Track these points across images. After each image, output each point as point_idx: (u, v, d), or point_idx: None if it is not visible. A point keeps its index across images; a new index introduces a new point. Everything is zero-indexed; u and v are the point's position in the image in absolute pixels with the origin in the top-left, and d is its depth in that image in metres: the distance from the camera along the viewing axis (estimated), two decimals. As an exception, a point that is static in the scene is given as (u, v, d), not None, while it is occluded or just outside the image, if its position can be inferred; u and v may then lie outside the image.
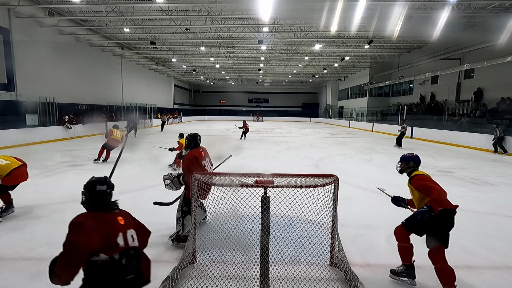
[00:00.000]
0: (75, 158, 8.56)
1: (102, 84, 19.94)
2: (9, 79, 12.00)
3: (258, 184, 2.30)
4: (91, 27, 15.47)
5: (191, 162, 3.18)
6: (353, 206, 4.48)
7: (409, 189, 2.71)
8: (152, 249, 3.05)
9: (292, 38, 17.47)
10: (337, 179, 2.54)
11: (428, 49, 18.85)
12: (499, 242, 3.33)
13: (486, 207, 4.60)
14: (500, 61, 12.76)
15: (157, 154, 9.63)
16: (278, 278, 2.50)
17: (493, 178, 6.62)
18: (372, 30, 14.57)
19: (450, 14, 11.90)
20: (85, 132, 15.12)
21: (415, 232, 2.50)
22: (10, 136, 10.75)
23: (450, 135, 13.64)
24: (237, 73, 33.26)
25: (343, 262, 2.58)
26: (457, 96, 17.21)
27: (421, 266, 2.81)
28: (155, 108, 27.63)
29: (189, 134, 3.49)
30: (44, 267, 2.68)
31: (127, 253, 1.54)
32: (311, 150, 11.13)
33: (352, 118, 29.64)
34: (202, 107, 45.59)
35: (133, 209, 4.38)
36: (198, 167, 3.19)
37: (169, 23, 14.52)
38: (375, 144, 13.55)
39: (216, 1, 11.79)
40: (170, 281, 2.36)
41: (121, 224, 1.66)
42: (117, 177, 6.16)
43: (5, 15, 11.89)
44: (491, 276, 2.66)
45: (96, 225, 1.51)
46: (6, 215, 3.82)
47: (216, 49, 21.16)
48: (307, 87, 44.58)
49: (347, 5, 11.15)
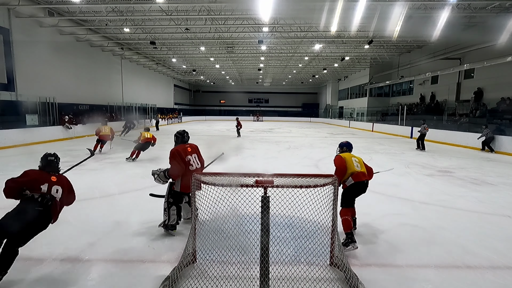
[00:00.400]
0: (75, 158, 8.52)
1: (102, 84, 19.93)
2: (9, 79, 11.99)
3: (258, 184, 2.30)
4: (91, 27, 15.47)
5: (174, 156, 3.38)
6: (353, 206, 4.48)
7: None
8: (152, 249, 3.05)
9: (292, 38, 17.47)
10: (337, 179, 2.54)
11: (428, 49, 18.84)
12: (499, 242, 3.33)
13: (486, 207, 4.60)
14: (500, 61, 12.75)
15: (157, 154, 9.63)
16: (278, 278, 2.50)
17: (493, 178, 6.62)
18: (372, 30, 14.56)
19: (450, 14, 11.89)
20: (85, 132, 15.11)
21: (341, 204, 3.29)
22: (10, 136, 10.75)
23: (450, 135, 13.63)
24: (237, 73, 33.26)
25: (343, 262, 2.58)
26: (457, 96, 17.21)
27: (421, 265, 2.81)
28: (155, 108, 27.63)
29: (177, 131, 3.69)
30: (44, 267, 2.70)
31: (44, 195, 2.53)
32: (311, 150, 11.13)
33: (352, 118, 29.63)
34: (202, 107, 45.58)
35: (133, 209, 4.40)
36: (181, 161, 3.36)
37: (169, 23, 14.51)
38: (375, 144, 13.54)
39: (216, 1, 11.78)
40: (170, 281, 2.36)
41: (52, 180, 2.66)
42: (117, 177, 6.19)
43: (5, 15, 11.89)
44: (491, 276, 2.66)
45: (32, 174, 2.63)
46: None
47: (216, 49, 21.16)
48: (307, 87, 44.58)
49: (347, 5, 11.15)
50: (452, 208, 4.53)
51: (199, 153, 3.63)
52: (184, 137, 3.62)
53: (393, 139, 15.89)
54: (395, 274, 2.67)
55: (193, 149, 3.54)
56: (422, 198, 4.96)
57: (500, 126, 11.97)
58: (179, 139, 3.62)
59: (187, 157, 3.42)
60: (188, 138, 3.66)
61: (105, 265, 2.75)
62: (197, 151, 3.61)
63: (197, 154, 3.57)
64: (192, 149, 3.54)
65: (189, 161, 3.42)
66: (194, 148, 3.58)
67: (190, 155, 3.45)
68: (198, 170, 3.41)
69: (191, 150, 3.50)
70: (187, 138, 3.64)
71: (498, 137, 11.16)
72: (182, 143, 3.58)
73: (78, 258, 2.85)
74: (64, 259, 2.84)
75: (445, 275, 2.66)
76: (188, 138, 3.67)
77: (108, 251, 2.99)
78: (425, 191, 5.45)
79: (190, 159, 3.44)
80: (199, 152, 3.64)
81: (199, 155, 3.62)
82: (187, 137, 3.65)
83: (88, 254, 2.91)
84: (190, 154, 3.46)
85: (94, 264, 2.76)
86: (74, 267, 2.70)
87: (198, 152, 3.63)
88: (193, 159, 3.46)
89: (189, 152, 3.47)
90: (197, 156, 3.56)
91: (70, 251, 2.98)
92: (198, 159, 3.55)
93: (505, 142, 10.90)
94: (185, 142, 3.60)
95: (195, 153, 3.54)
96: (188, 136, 3.68)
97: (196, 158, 3.52)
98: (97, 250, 3.02)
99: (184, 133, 3.65)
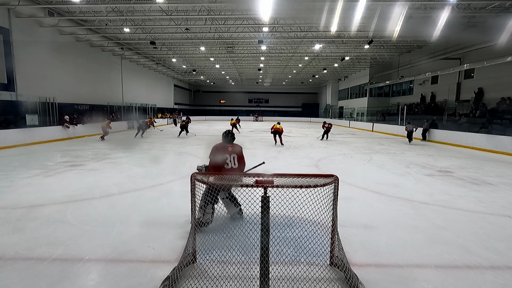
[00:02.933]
0: (75, 158, 8.56)
1: (102, 84, 19.93)
2: (9, 79, 11.99)
3: (258, 184, 2.30)
4: (91, 27, 15.47)
5: (212, 151, 3.57)
6: (353, 206, 4.48)
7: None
8: (152, 249, 3.05)
9: (292, 38, 17.47)
10: (337, 179, 2.54)
11: (428, 49, 18.84)
12: (499, 242, 3.33)
13: (486, 207, 4.60)
14: (500, 61, 12.75)
15: (157, 154, 9.64)
16: (278, 278, 2.50)
17: (493, 178, 6.62)
18: (372, 30, 14.57)
19: (450, 14, 11.90)
20: (85, 132, 15.13)
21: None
22: (10, 136, 10.75)
23: (450, 135, 13.64)
24: (237, 73, 33.26)
25: (343, 262, 2.57)
26: (457, 96, 17.21)
27: (421, 265, 2.82)
28: (155, 108, 27.63)
29: (224, 130, 3.86)
30: (45, 267, 2.70)
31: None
32: (311, 150, 11.13)
33: (352, 118, 29.63)
34: (202, 107, 45.58)
35: (133, 209, 4.40)
36: (218, 156, 3.51)
37: (169, 23, 14.52)
38: (375, 144, 13.54)
39: (216, 1, 11.79)
40: (170, 281, 2.35)
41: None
42: (117, 177, 6.19)
43: (5, 15, 11.89)
44: (491, 276, 2.66)
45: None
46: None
47: (216, 49, 21.16)
48: (307, 87, 44.58)
49: (347, 5, 11.15)
50: (452, 208, 4.53)
51: (240, 155, 3.66)
52: (228, 136, 3.74)
53: (393, 139, 15.89)
54: (395, 274, 2.67)
55: (234, 150, 3.61)
56: (422, 198, 4.96)
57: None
58: (223, 137, 3.77)
59: (224, 154, 3.53)
60: (231, 139, 3.76)
61: (105, 265, 2.75)
62: (239, 152, 3.66)
63: (237, 156, 3.61)
64: (233, 149, 3.62)
65: (225, 159, 3.51)
66: (236, 150, 3.65)
67: (229, 154, 3.54)
68: (233, 170, 3.48)
69: (231, 150, 3.58)
70: (230, 138, 3.74)
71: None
72: (226, 142, 3.71)
73: (78, 258, 2.84)
74: (64, 259, 2.83)
75: (445, 275, 2.66)
76: (232, 138, 3.77)
77: (108, 251, 2.99)
78: (425, 191, 5.45)
79: (227, 158, 3.52)
80: (241, 155, 3.67)
81: (240, 157, 3.65)
82: (231, 137, 3.75)
83: (88, 254, 2.91)
84: (229, 153, 3.55)
85: (94, 264, 2.76)
86: (74, 267, 2.69)
87: (240, 154, 3.67)
88: (230, 158, 3.54)
89: (229, 151, 3.56)
90: (237, 158, 3.60)
91: (70, 251, 2.98)
92: (237, 160, 3.60)
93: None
94: (228, 141, 3.72)
95: (235, 154, 3.60)
96: (233, 137, 3.79)
97: (235, 159, 3.58)
98: (97, 250, 3.01)
99: (229, 133, 3.77)
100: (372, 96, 27.37)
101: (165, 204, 4.56)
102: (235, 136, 3.85)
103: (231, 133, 3.78)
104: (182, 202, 4.31)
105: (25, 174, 6.40)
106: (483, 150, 11.51)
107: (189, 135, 16.45)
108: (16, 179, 5.94)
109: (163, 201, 4.69)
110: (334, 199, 2.56)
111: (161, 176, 6.41)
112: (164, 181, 5.94)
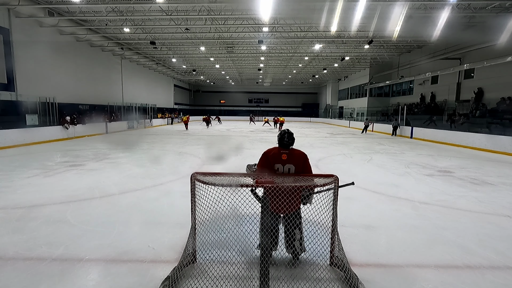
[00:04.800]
0: (75, 158, 8.56)
1: (102, 84, 19.93)
2: (9, 79, 11.99)
3: (258, 184, 2.30)
4: (91, 27, 15.48)
5: (261, 158, 2.74)
6: (353, 206, 4.48)
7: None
8: (152, 249, 3.05)
9: (292, 38, 17.47)
10: (337, 179, 2.53)
11: (428, 49, 18.85)
12: (499, 242, 3.33)
13: (486, 207, 4.60)
14: (500, 61, 12.76)
15: (157, 154, 9.64)
16: (278, 278, 2.50)
17: (493, 178, 6.62)
18: (372, 30, 14.58)
19: (450, 14, 11.90)
20: (85, 132, 15.13)
21: None
22: (10, 136, 10.75)
23: (450, 135, 13.63)
24: (237, 73, 33.25)
25: (343, 262, 2.57)
26: (457, 96, 17.21)
27: (421, 265, 2.82)
28: (155, 108, 27.63)
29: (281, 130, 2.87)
30: (45, 267, 2.70)
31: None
32: (311, 150, 11.12)
33: (352, 118, 29.63)
34: (202, 107, 45.56)
35: (133, 209, 4.40)
36: (265, 168, 2.65)
37: (169, 23, 14.52)
38: (375, 144, 13.54)
39: (216, 1, 11.79)
40: (170, 281, 2.35)
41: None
42: (117, 177, 6.18)
43: (5, 15, 11.89)
44: (491, 276, 2.66)
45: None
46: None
47: (216, 49, 21.17)
48: (307, 87, 44.59)
49: (347, 5, 11.16)
50: (452, 208, 4.53)
51: (302, 167, 2.65)
52: (284, 138, 2.69)
53: (393, 139, 15.90)
54: (395, 274, 2.67)
55: (291, 158, 2.63)
56: (422, 198, 4.96)
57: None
58: (278, 140, 2.75)
59: (276, 165, 2.62)
60: (288, 142, 2.69)
61: (105, 265, 2.74)
62: (299, 162, 2.65)
63: (296, 167, 2.62)
64: (291, 158, 2.63)
65: (277, 170, 2.62)
66: (296, 158, 2.65)
67: (283, 165, 2.61)
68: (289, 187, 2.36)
69: (286, 159, 2.61)
70: (286, 141, 2.68)
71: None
72: (281, 146, 2.71)
73: (78, 258, 2.84)
74: (64, 259, 2.83)
75: (445, 275, 2.66)
76: (290, 141, 2.70)
77: (108, 251, 2.99)
78: (425, 191, 5.45)
79: (279, 169, 2.62)
80: (302, 164, 2.66)
81: (302, 170, 2.65)
82: (287, 139, 2.68)
83: (88, 254, 2.91)
84: (283, 163, 2.61)
85: (94, 264, 2.76)
86: (74, 267, 2.69)
87: (302, 164, 2.65)
88: (284, 170, 2.62)
89: (283, 160, 2.61)
90: (297, 170, 2.63)
91: (70, 251, 2.98)
92: (291, 170, 2.63)
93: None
94: (284, 145, 2.69)
95: (292, 163, 2.62)
96: (291, 138, 2.71)
97: (292, 171, 2.62)
98: (97, 250, 3.01)
99: (284, 134, 2.71)
100: (372, 96, 27.38)
101: (165, 204, 4.56)
102: (293, 137, 2.76)
103: (288, 134, 2.71)
104: (182, 202, 4.31)
105: (25, 174, 6.39)
106: (483, 150, 11.52)
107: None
108: (16, 179, 5.93)
109: (163, 201, 4.69)
110: (334, 199, 2.55)
111: (161, 176, 6.41)
112: (164, 181, 5.94)
